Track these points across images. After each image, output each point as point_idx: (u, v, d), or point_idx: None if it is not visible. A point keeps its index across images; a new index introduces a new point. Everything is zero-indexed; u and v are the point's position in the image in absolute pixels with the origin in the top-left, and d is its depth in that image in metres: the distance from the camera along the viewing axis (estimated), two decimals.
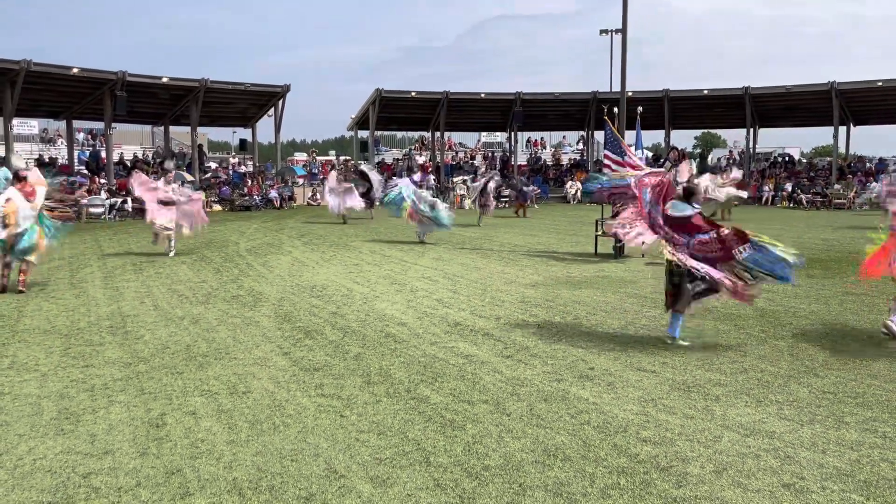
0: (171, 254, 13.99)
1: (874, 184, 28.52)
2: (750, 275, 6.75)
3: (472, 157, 41.88)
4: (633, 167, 12.56)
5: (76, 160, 30.93)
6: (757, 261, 6.68)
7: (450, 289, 10.27)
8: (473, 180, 27.18)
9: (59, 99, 27.96)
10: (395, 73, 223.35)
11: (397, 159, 41.44)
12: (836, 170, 32.40)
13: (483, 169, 36.01)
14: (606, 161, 13.53)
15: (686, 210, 7.12)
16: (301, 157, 50.47)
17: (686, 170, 16.75)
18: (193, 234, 14.46)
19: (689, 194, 7.35)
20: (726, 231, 6.88)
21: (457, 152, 43.76)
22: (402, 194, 16.52)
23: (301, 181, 34.02)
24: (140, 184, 14.61)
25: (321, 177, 32.21)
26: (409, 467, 4.22)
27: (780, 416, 5.01)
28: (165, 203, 13.90)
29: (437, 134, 38.07)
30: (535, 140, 46.65)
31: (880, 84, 31.08)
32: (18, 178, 10.11)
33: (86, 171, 28.47)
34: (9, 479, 4.09)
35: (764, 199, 31.69)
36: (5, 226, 9.64)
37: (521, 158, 40.51)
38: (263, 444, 4.57)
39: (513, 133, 38.13)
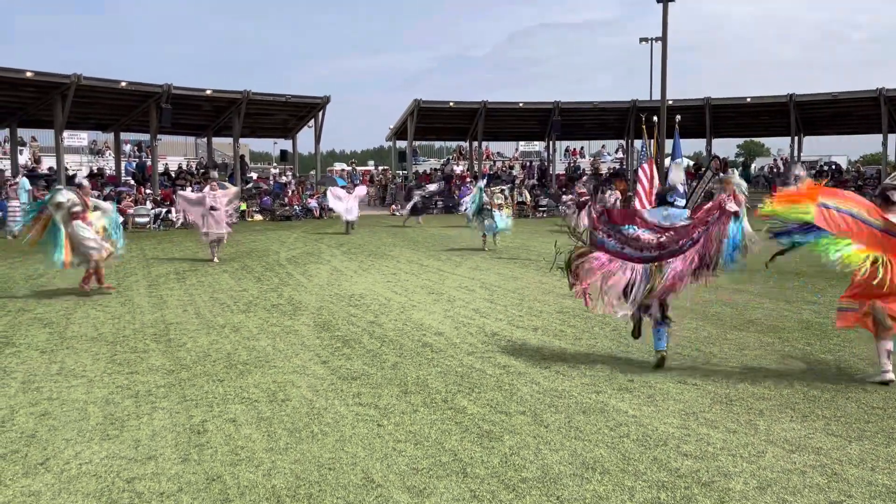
0: (216, 260, 14.51)
1: None
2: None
3: (511, 167, 41.80)
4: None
5: (123, 171, 31.76)
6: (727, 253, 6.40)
7: (487, 299, 10.25)
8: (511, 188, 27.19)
9: (108, 111, 28.76)
10: (434, 82, 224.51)
11: (435, 168, 41.56)
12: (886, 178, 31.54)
13: (521, 177, 35.96)
14: (640, 175, 13.33)
15: (679, 215, 6.67)
16: (340, 166, 50.97)
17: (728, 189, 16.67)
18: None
19: (664, 194, 6.96)
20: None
21: (494, 162, 43.71)
22: (473, 200, 17.11)
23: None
24: (186, 204, 15.42)
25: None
26: (446, 478, 4.21)
27: (827, 432, 4.88)
28: (213, 209, 14.45)
29: (475, 144, 38.10)
30: (574, 149, 46.37)
31: None
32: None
33: (132, 182, 29.20)
34: (56, 482, 4.20)
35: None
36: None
37: (560, 168, 40.31)
38: (302, 452, 4.61)
39: (551, 142, 37.98)
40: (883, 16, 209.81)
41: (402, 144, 37.43)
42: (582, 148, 47.08)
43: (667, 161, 13.33)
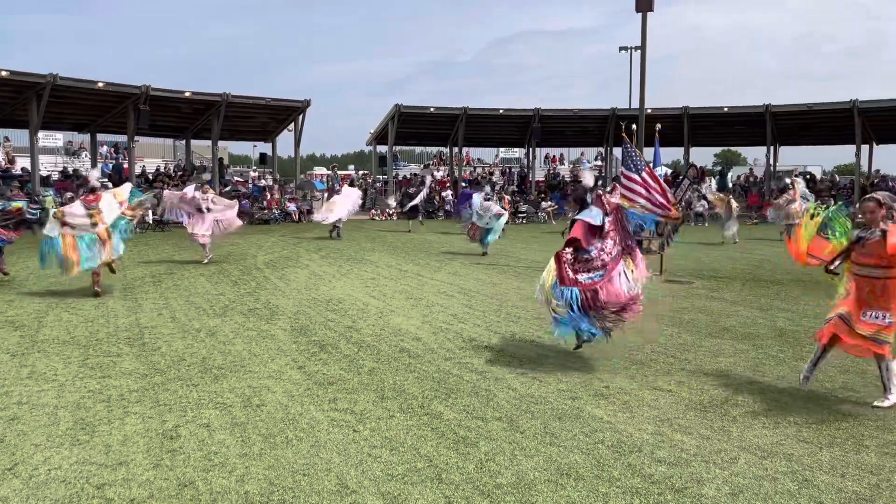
0: (207, 260, 14.70)
1: None
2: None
3: (491, 173, 41.91)
4: (649, 185, 12.40)
5: (99, 172, 31.38)
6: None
7: (465, 304, 10.25)
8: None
9: (84, 112, 28.40)
10: (415, 87, 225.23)
11: (414, 173, 41.57)
12: (859, 188, 32.04)
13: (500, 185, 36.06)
14: (623, 180, 13.48)
15: (597, 217, 6.87)
16: (320, 171, 50.80)
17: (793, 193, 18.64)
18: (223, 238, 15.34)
19: (583, 196, 7.12)
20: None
21: (475, 168, 43.82)
22: (471, 210, 17.47)
23: (319, 195, 34.22)
24: (174, 202, 15.25)
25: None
26: (421, 484, 4.20)
27: (799, 439, 4.94)
28: (200, 210, 14.66)
29: (456, 149, 38.17)
30: (554, 156, 46.63)
31: None
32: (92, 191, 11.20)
33: (108, 184, 28.85)
34: (24, 488, 4.13)
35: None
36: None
37: (539, 174, 40.50)
38: (276, 457, 4.58)
39: (531, 149, 38.15)
40: (856, 30, 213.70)
41: (382, 149, 37.39)
42: (562, 155, 47.39)
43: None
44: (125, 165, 30.88)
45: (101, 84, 26.18)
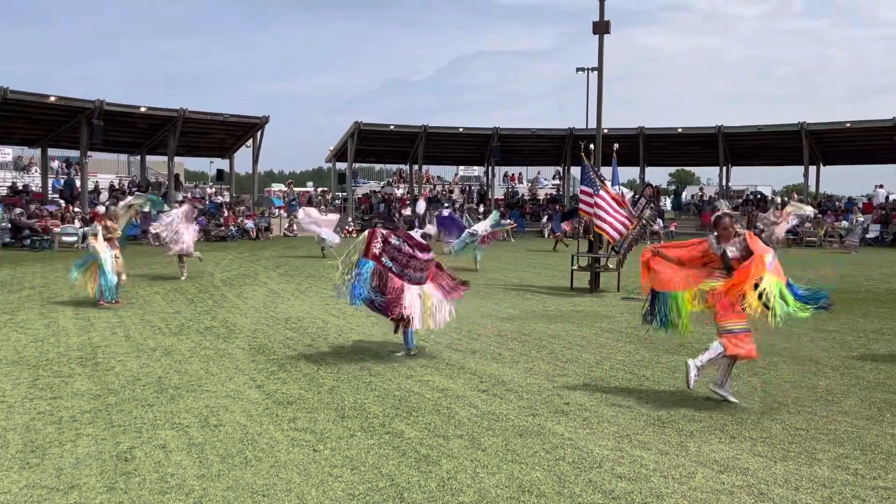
0: (184, 277, 14.87)
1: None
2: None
3: (451, 191, 42.10)
4: (608, 203, 12.68)
5: (50, 188, 30.61)
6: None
7: None
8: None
9: (35, 127, 27.77)
10: (374, 105, 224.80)
11: (373, 191, 41.51)
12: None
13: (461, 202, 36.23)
14: (582, 196, 13.70)
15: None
16: (278, 187, 50.43)
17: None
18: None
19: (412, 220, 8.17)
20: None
21: (434, 185, 43.98)
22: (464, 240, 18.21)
23: (277, 212, 33.93)
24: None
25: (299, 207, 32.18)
26: (383, 503, 4.17)
27: (754, 453, 5.04)
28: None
29: (416, 167, 38.28)
30: (513, 174, 47.09)
31: (848, 125, 31.98)
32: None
33: (59, 200, 28.17)
34: None
35: None
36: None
37: (499, 192, 40.84)
38: (234, 478, 4.49)
39: (490, 167, 38.45)
40: (804, 54, 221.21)
41: (342, 166, 37.30)
42: (520, 173, 47.91)
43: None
44: (77, 181, 30.19)
45: (53, 98, 25.66)
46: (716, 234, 6.50)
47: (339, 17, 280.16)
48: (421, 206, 28.50)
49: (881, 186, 35.99)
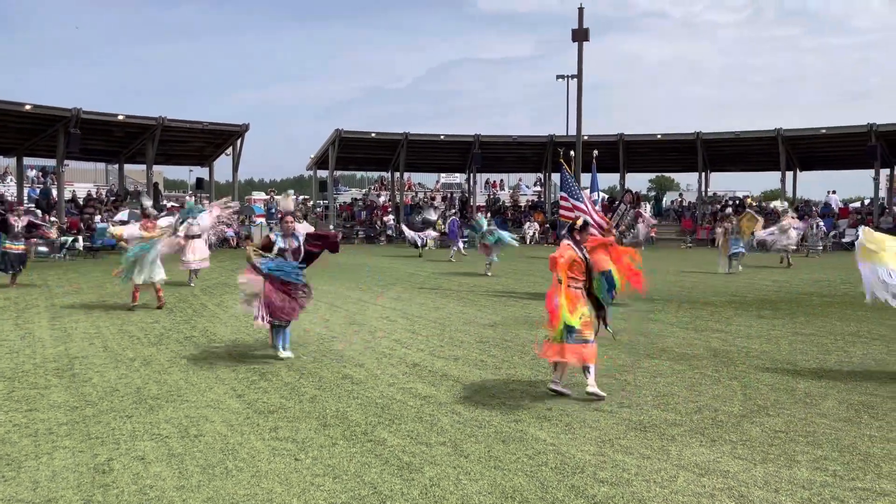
0: (193, 284, 15.16)
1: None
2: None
3: (432, 198, 42.11)
4: (586, 211, 12.79)
5: (26, 198, 30.22)
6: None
7: (408, 329, 10.22)
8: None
9: (10, 135, 27.41)
10: (355, 112, 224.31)
11: (356, 198, 41.41)
12: (784, 213, 33.38)
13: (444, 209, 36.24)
14: (562, 203, 13.77)
15: None
16: (259, 195, 50.16)
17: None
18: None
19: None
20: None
21: (416, 192, 43.98)
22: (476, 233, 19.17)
23: (258, 220, 33.73)
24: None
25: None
26: None
27: (734, 456, 5.07)
28: (192, 237, 14.92)
29: (397, 174, 38.25)
30: (494, 181, 47.20)
31: (824, 131, 32.42)
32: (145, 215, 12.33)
33: (36, 210, 27.81)
34: None
35: (717, 241, 32.35)
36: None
37: (480, 199, 40.92)
38: (215, 489, 4.45)
39: (472, 174, 38.52)
40: (780, 61, 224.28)
41: (323, 174, 37.19)
42: (501, 180, 48.04)
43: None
44: (54, 191, 29.83)
45: (28, 107, 25.36)
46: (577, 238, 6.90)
47: (320, 24, 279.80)
48: (432, 213, 29.36)
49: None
